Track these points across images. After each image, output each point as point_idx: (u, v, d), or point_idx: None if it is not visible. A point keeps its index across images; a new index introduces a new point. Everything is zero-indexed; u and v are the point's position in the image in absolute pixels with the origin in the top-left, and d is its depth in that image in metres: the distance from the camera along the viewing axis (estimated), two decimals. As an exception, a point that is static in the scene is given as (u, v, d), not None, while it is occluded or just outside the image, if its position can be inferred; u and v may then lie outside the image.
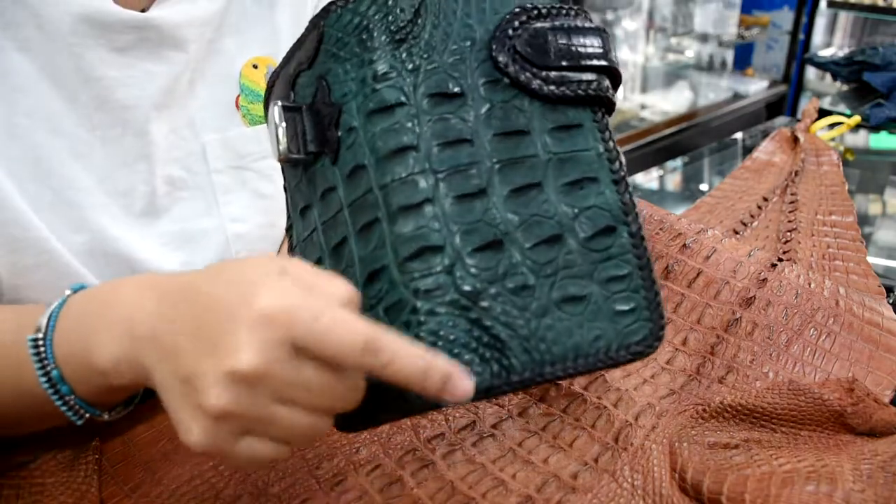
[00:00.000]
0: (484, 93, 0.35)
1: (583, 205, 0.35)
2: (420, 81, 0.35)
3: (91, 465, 0.48)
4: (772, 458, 0.44)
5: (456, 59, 0.35)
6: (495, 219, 0.33)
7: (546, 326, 0.33)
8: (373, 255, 0.34)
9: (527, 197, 0.34)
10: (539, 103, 0.35)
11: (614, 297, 0.34)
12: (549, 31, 0.36)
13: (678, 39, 3.12)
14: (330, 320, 0.30)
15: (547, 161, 0.35)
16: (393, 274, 0.33)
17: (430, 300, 0.32)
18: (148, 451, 0.50)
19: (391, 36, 0.35)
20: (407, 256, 0.33)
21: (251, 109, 0.59)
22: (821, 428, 0.48)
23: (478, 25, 0.36)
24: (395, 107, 0.34)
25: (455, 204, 0.33)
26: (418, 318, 0.32)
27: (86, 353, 0.37)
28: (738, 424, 0.49)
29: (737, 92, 3.08)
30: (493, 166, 0.34)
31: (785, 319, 0.57)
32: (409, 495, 0.44)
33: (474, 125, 0.34)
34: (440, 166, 0.34)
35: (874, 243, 0.86)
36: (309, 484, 0.46)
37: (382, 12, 0.36)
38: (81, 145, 0.52)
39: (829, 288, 0.59)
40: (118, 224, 0.54)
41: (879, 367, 0.54)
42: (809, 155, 0.98)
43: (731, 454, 0.46)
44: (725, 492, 0.42)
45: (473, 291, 0.32)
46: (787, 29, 3.07)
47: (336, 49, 0.37)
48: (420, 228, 0.33)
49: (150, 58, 0.53)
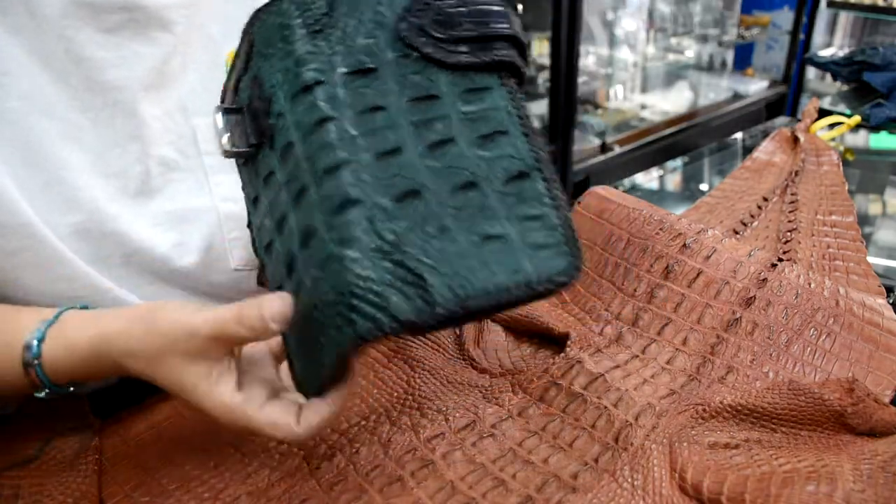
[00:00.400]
0: (396, 67, 0.39)
1: (495, 154, 0.38)
2: (337, 63, 0.39)
3: (91, 465, 0.48)
4: (772, 458, 0.44)
5: (369, 41, 0.39)
6: (412, 171, 0.37)
7: (467, 265, 0.35)
8: (305, 220, 0.37)
9: (441, 151, 0.38)
10: (448, 72, 0.40)
11: (532, 235, 0.37)
12: (452, 8, 0.40)
13: (678, 39, 3.12)
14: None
15: (459, 120, 0.39)
16: (321, 233, 0.36)
17: (355, 249, 0.35)
18: (148, 451, 0.50)
19: (308, 28, 0.40)
20: (331, 212, 0.36)
21: None
22: (821, 428, 0.48)
23: (388, 11, 0.40)
24: (314, 86, 0.38)
25: (374, 162, 0.37)
26: (344, 265, 0.35)
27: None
28: (738, 424, 0.49)
29: (737, 92, 3.08)
30: (408, 127, 0.38)
31: (785, 319, 0.57)
32: (409, 495, 0.44)
33: (387, 95, 0.38)
34: (357, 130, 0.37)
35: (874, 243, 0.86)
36: (309, 484, 0.46)
37: (301, 9, 0.40)
38: (73, 127, 0.53)
39: (830, 288, 0.59)
40: (112, 204, 0.55)
41: (880, 367, 0.54)
42: (809, 155, 0.98)
43: (731, 454, 0.46)
44: (725, 492, 0.42)
45: (395, 237, 0.35)
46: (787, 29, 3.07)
47: (264, 48, 0.41)
48: (341, 186, 0.36)
49: (138, 39, 0.54)
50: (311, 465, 0.47)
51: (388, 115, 0.38)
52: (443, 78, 0.39)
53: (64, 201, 0.53)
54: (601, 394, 0.52)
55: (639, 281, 0.63)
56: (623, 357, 0.57)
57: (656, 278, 0.62)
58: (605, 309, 0.62)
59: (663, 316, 0.60)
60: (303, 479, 0.46)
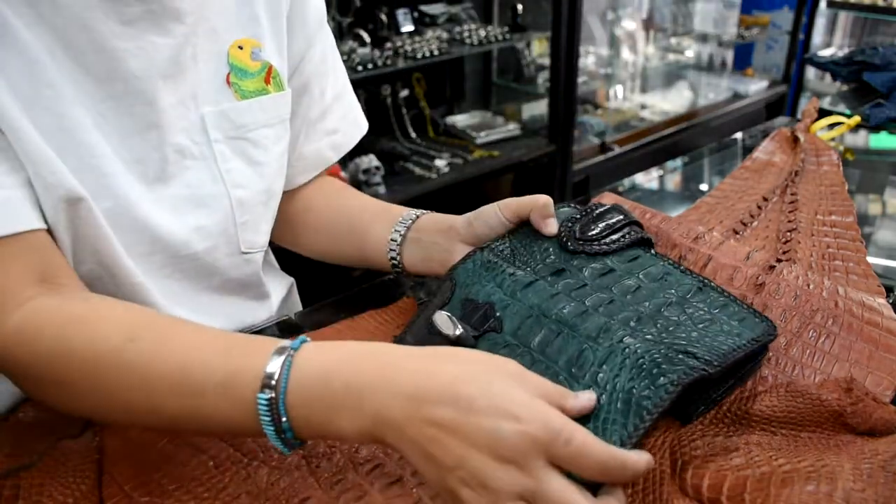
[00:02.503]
0: (576, 262, 0.58)
1: (672, 284, 0.56)
2: (538, 270, 0.57)
3: (91, 465, 0.48)
4: (771, 458, 0.44)
5: (546, 258, 0.59)
6: (624, 308, 0.53)
7: (706, 342, 0.49)
8: (566, 354, 0.49)
9: (636, 294, 0.55)
10: (608, 257, 0.58)
11: (734, 316, 0.53)
12: (587, 222, 0.60)
13: (678, 39, 3.12)
14: (580, 444, 0.38)
15: (633, 274, 0.57)
16: (595, 351, 0.48)
17: (629, 345, 0.48)
18: (148, 451, 0.50)
19: (506, 260, 0.58)
20: (594, 336, 0.49)
21: (241, 86, 0.64)
22: (820, 429, 0.48)
23: (547, 241, 0.60)
24: (533, 282, 0.55)
25: (602, 309, 0.53)
26: (624, 348, 0.48)
27: (327, 421, 0.42)
28: (737, 429, 0.49)
29: (737, 92, 3.08)
30: (603, 289, 0.55)
31: (783, 322, 0.57)
32: (409, 495, 0.44)
33: (582, 277, 0.56)
34: (576, 298, 0.53)
35: (874, 243, 0.86)
36: (309, 483, 0.46)
37: (494, 253, 0.59)
38: (98, 115, 0.55)
39: (829, 288, 0.59)
40: (135, 190, 0.58)
41: (879, 366, 0.54)
42: (809, 155, 0.98)
43: (730, 456, 0.46)
44: (725, 492, 0.42)
45: (653, 339, 0.49)
46: (787, 29, 3.07)
47: (468, 282, 0.57)
48: (596, 322, 0.50)
49: (155, 30, 0.56)
50: (311, 464, 0.47)
51: (588, 287, 0.55)
52: (607, 260, 0.58)
53: (97, 187, 0.55)
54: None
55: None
56: None
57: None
58: None
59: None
60: (302, 479, 0.46)
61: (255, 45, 0.64)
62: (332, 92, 0.74)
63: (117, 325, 0.47)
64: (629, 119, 2.76)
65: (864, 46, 1.63)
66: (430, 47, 2.01)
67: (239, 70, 0.63)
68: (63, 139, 0.52)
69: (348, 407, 0.41)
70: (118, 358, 0.45)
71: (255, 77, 0.64)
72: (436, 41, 2.05)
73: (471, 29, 2.16)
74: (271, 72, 0.65)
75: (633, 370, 0.45)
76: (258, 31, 0.64)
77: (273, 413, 0.42)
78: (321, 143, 0.75)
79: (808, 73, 3.07)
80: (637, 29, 2.89)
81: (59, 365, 0.46)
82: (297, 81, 0.70)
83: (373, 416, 0.41)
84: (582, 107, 2.65)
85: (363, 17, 2.03)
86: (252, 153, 0.65)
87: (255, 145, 0.65)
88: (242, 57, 0.63)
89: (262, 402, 0.42)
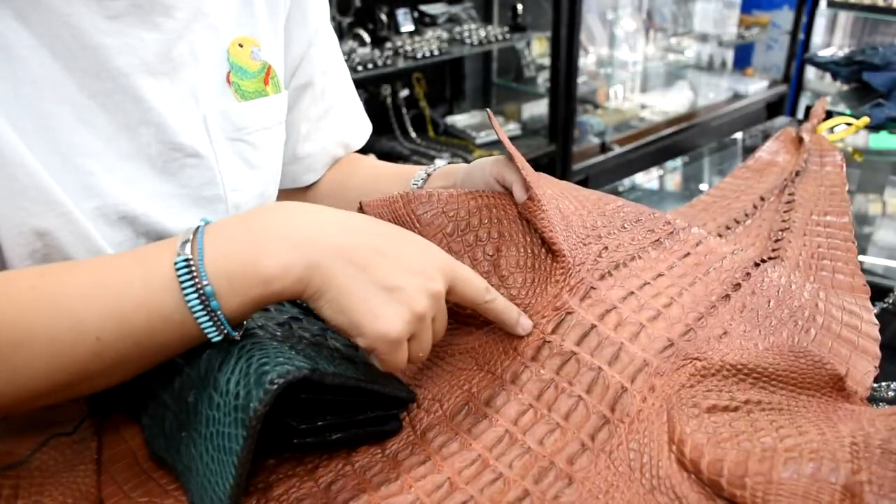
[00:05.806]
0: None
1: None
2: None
3: (91, 465, 0.48)
4: (772, 424, 0.44)
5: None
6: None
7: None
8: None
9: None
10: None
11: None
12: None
13: (678, 39, 3.12)
14: (467, 276, 0.50)
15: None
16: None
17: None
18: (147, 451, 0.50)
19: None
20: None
21: (241, 86, 0.63)
22: (820, 392, 0.48)
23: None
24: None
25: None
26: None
27: (251, 264, 0.43)
28: (737, 384, 0.48)
29: (737, 92, 3.08)
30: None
31: (770, 309, 0.56)
32: (408, 494, 0.44)
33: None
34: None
35: (874, 243, 0.86)
36: (306, 484, 0.46)
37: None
38: (85, 112, 0.53)
39: (810, 291, 0.59)
40: (126, 189, 0.56)
41: (856, 366, 0.54)
42: (813, 155, 0.97)
43: (730, 418, 0.45)
44: (726, 474, 0.41)
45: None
46: (787, 29, 3.08)
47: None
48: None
49: (142, 25, 0.54)
50: (309, 464, 0.47)
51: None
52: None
53: (83, 186, 0.53)
54: (593, 350, 0.50)
55: (632, 239, 0.61)
56: (617, 294, 0.55)
57: (647, 245, 0.61)
58: (599, 253, 0.59)
59: (657, 269, 0.58)
60: (300, 479, 0.46)
61: (254, 44, 0.63)
62: (336, 91, 0.74)
63: (22, 273, 0.44)
64: (629, 119, 2.76)
65: (864, 46, 1.63)
66: (430, 47, 2.01)
67: (239, 69, 0.63)
68: (46, 138, 0.51)
69: (275, 239, 0.43)
70: (31, 294, 0.42)
71: (255, 77, 0.64)
72: (436, 41, 2.06)
73: (471, 29, 2.17)
74: (270, 72, 0.65)
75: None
76: (256, 29, 0.64)
77: (194, 277, 0.42)
78: (328, 142, 0.75)
79: (808, 72, 3.07)
80: (637, 29, 2.89)
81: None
82: (298, 80, 0.70)
83: (301, 244, 0.43)
84: (582, 107, 2.65)
85: (363, 17, 2.04)
86: (250, 156, 0.65)
87: (253, 148, 0.65)
88: (242, 55, 0.63)
89: (179, 265, 0.42)
